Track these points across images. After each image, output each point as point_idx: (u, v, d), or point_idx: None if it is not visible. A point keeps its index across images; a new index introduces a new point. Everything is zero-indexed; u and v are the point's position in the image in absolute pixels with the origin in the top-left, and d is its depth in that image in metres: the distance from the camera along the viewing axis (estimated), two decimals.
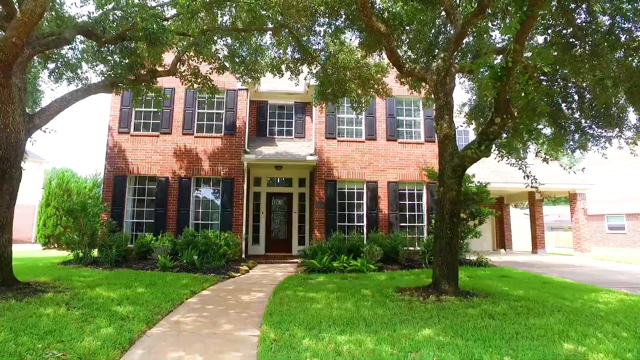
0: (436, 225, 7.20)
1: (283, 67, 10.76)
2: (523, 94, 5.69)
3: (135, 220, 13.23)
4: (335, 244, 11.83)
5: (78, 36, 8.04)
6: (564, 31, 7.51)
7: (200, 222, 13.41)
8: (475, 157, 6.77)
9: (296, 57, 10.71)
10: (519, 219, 25.55)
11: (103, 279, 8.26)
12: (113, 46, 7.88)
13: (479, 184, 12.18)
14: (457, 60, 8.46)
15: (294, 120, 15.31)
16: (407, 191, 14.22)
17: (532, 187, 6.99)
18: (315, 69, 10.98)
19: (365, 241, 12.46)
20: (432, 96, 7.56)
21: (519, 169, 7.30)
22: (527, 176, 7.01)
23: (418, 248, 12.84)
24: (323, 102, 11.15)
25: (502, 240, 19.88)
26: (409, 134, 14.60)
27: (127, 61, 7.62)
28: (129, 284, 7.75)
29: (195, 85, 9.03)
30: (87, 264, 10.46)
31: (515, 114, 6.53)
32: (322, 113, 14.09)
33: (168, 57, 10.73)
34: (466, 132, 17.72)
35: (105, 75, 7.51)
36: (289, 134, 15.33)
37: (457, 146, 7.49)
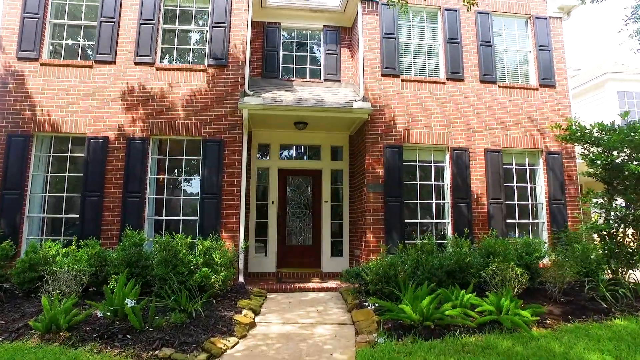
0: None
1: None
2: None
3: (47, 215, 7.17)
4: (425, 261, 5.89)
5: None
6: None
7: (164, 218, 7.38)
8: None
9: None
10: None
11: None
12: None
13: None
14: None
15: (322, 55, 9.27)
16: (514, 166, 8.31)
17: None
18: None
19: (453, 248, 6.50)
20: None
21: None
22: None
23: (544, 261, 6.92)
24: None
25: None
26: (513, 73, 8.67)
27: None
28: None
29: None
30: None
31: None
32: (376, 33, 8.12)
33: None
34: None
35: None
36: (315, 75, 9.28)
37: None
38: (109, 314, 4.18)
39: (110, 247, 6.59)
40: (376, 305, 5.03)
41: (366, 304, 5.27)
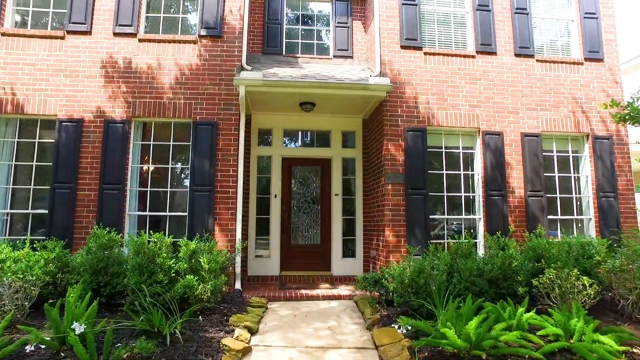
0: None
1: None
2: None
3: (11, 211, 6.12)
4: (462, 266, 4.73)
5: None
6: None
7: (147, 213, 6.32)
8: None
9: None
10: None
11: None
12: None
13: None
14: None
15: (332, 28, 8.09)
16: (555, 153, 7.11)
17: None
18: None
19: (499, 251, 5.31)
20: None
21: None
22: None
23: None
24: None
25: None
26: (553, 46, 7.46)
27: None
28: None
29: None
30: None
31: None
32: None
33: None
34: None
35: None
36: (324, 51, 8.12)
37: None
38: (43, 346, 3.09)
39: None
40: (409, 328, 3.87)
41: (396, 326, 4.08)
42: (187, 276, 4.41)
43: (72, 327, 3.08)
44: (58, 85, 6.17)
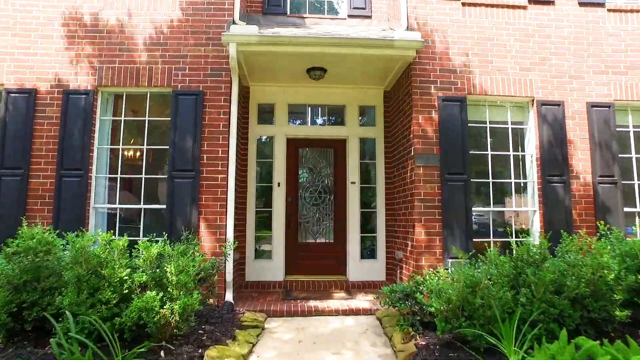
0: None
1: None
2: None
3: None
4: (534, 279, 3.30)
5: None
6: None
7: (117, 206, 5.05)
8: None
9: None
10: None
11: None
12: None
13: None
14: None
15: None
16: (631, 128, 5.57)
17: None
18: None
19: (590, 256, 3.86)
20: None
21: None
22: None
23: None
24: None
25: None
26: None
27: None
28: None
29: None
30: None
31: None
32: None
33: None
34: None
35: None
36: (333, 10, 6.70)
37: None
38: None
39: None
40: None
41: None
42: (148, 293, 3.11)
43: None
44: (5, 48, 4.92)
